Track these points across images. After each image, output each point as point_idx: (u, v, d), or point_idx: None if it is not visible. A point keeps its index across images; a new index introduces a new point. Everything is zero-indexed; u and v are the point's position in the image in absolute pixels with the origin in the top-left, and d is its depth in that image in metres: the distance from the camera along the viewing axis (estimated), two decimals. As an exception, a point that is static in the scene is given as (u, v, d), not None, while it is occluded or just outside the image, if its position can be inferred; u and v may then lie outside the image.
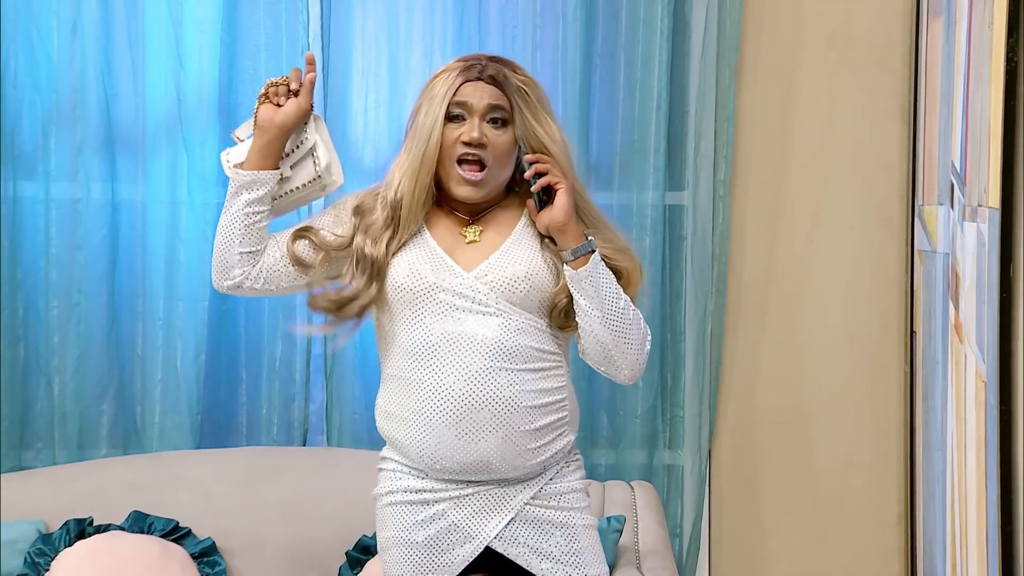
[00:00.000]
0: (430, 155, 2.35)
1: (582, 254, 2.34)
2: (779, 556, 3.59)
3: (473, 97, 2.36)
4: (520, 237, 2.41)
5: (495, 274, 2.35)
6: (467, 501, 2.36)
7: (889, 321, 3.54)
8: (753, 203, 3.52)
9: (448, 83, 2.36)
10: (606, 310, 2.35)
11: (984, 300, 2.64)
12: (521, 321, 2.35)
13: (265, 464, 3.34)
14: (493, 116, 2.36)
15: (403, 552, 2.37)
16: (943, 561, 3.08)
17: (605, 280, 2.35)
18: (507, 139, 2.37)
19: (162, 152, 3.40)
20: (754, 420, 3.58)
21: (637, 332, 2.38)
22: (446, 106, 2.35)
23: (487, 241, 2.40)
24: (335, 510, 3.26)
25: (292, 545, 3.24)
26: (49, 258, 3.38)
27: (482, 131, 2.35)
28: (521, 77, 2.39)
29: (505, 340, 2.33)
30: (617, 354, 2.38)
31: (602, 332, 2.35)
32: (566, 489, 2.41)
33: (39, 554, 3.11)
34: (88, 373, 3.40)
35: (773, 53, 3.51)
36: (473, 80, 2.36)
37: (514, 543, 2.37)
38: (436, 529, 2.36)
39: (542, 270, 2.37)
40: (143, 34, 3.36)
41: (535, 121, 2.38)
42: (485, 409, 2.31)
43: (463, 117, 2.36)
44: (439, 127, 2.34)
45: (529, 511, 2.38)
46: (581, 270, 2.33)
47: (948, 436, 3.02)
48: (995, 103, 2.55)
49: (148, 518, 3.20)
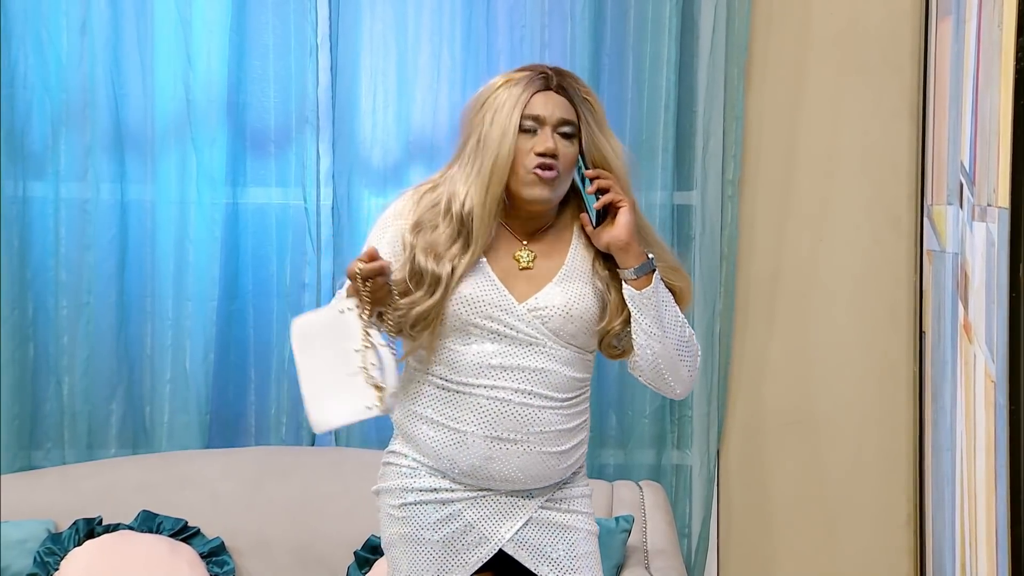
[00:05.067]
0: (502, 165, 2.29)
1: (644, 273, 2.31)
2: (787, 556, 3.58)
3: (545, 109, 2.31)
4: (572, 266, 2.37)
5: (546, 310, 2.32)
6: (483, 503, 2.36)
7: (898, 321, 3.54)
8: (762, 203, 3.52)
9: (517, 93, 2.31)
10: (666, 329, 2.32)
11: (993, 300, 2.64)
12: (567, 354, 2.34)
13: (274, 464, 3.34)
14: (562, 130, 2.32)
15: (416, 549, 2.37)
16: (952, 561, 3.08)
17: (665, 299, 2.33)
18: (574, 151, 2.34)
19: (171, 152, 3.40)
20: (762, 420, 3.58)
21: (692, 350, 2.37)
22: (519, 116, 2.29)
23: (540, 268, 2.36)
24: (343, 509, 3.26)
25: (300, 545, 3.24)
26: (58, 258, 3.38)
27: (555, 141, 2.30)
28: (585, 90, 2.36)
29: (549, 371, 2.32)
30: (672, 372, 2.36)
31: (660, 351, 2.33)
32: (576, 494, 2.42)
33: (48, 553, 3.12)
34: (97, 373, 3.40)
35: (782, 53, 3.51)
36: (543, 91, 2.33)
37: (523, 545, 2.37)
38: (452, 529, 2.36)
39: (592, 306, 2.34)
40: (152, 34, 3.37)
41: (601, 135, 2.35)
42: (519, 432, 2.31)
43: (534, 130, 2.31)
44: (512, 137, 2.29)
45: (540, 514, 2.38)
46: (644, 290, 2.30)
47: (957, 436, 3.01)
48: (1004, 103, 2.55)
49: (157, 518, 3.20)
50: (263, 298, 3.46)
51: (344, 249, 3.43)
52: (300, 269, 3.45)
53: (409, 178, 3.46)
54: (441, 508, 2.36)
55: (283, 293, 3.45)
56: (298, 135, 3.43)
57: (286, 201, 3.46)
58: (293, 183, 3.44)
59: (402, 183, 3.46)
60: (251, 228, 3.46)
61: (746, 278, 3.53)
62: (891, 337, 3.54)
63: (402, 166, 3.47)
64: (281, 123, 3.44)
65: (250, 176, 3.45)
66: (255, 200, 3.46)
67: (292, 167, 3.44)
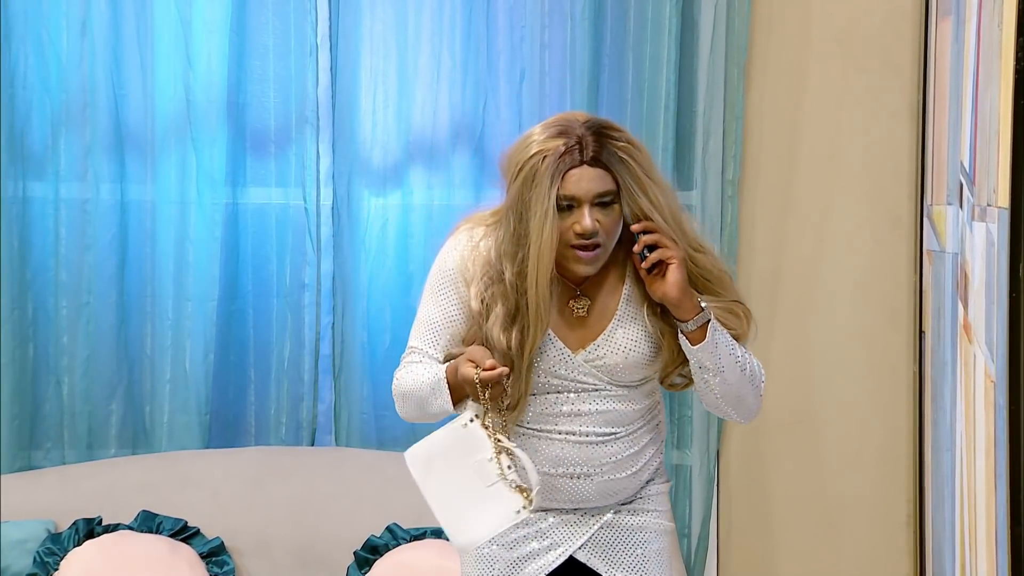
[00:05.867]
0: (547, 251, 2.22)
1: (699, 326, 2.27)
2: (787, 556, 3.58)
3: (580, 189, 2.23)
4: (625, 311, 2.33)
5: (602, 359, 2.30)
6: (556, 511, 2.35)
7: (898, 321, 3.54)
8: (762, 203, 3.52)
9: (551, 172, 2.22)
10: (726, 373, 2.29)
11: (993, 300, 2.63)
12: (627, 392, 2.33)
13: (273, 464, 3.34)
14: (600, 201, 2.25)
15: (484, 553, 2.34)
16: (952, 562, 3.08)
17: (722, 343, 2.29)
18: (616, 215, 2.27)
19: (171, 152, 3.40)
20: (762, 420, 3.55)
21: (755, 381, 2.34)
22: (555, 199, 2.22)
23: (595, 317, 2.33)
24: (343, 509, 3.26)
25: (300, 545, 3.24)
26: (58, 258, 3.39)
27: (593, 219, 2.24)
28: (621, 144, 2.26)
29: (612, 411, 2.31)
30: (736, 407, 2.35)
31: (721, 392, 2.31)
32: (652, 492, 2.40)
33: (48, 553, 3.12)
34: (97, 373, 3.40)
35: (782, 53, 3.51)
36: (578, 166, 2.23)
37: (595, 550, 2.35)
38: (522, 534, 2.34)
39: (647, 351, 2.32)
40: (152, 35, 3.37)
41: (640, 192, 2.26)
42: (587, 467, 2.30)
43: (572, 207, 2.24)
44: (552, 222, 2.22)
45: (616, 519, 2.36)
46: (699, 345, 2.26)
47: (957, 436, 3.01)
48: (1004, 103, 2.55)
49: (157, 518, 3.20)
50: (263, 298, 3.46)
51: (344, 249, 3.43)
52: (300, 269, 3.45)
53: (409, 178, 3.46)
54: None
55: (283, 293, 3.45)
56: (298, 135, 3.43)
57: (286, 201, 3.46)
58: (293, 183, 3.44)
59: (402, 183, 3.47)
60: (251, 228, 3.46)
61: (746, 278, 3.53)
62: (891, 337, 3.54)
63: (402, 166, 3.47)
64: (281, 123, 3.44)
65: (250, 176, 3.45)
66: (255, 200, 3.46)
67: (292, 167, 3.44)
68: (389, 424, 3.47)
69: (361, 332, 3.44)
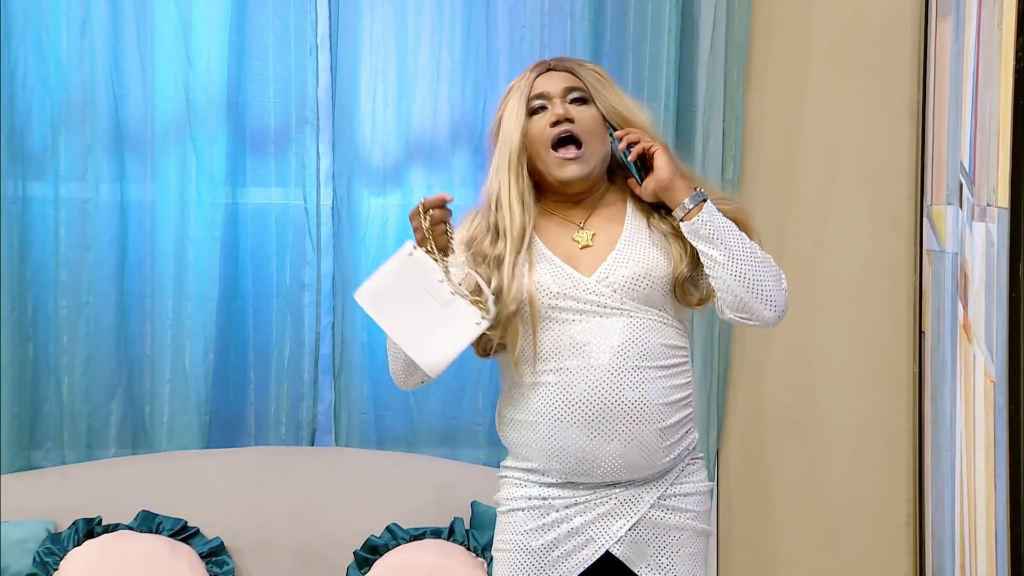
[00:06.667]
0: (517, 147, 2.36)
1: (695, 204, 2.33)
2: (788, 556, 3.58)
3: (549, 85, 2.40)
4: (632, 232, 2.40)
5: (616, 274, 2.34)
6: (592, 506, 2.35)
7: (898, 321, 3.54)
8: (762, 203, 3.52)
9: (521, 84, 2.41)
10: (733, 251, 2.32)
11: (993, 300, 2.64)
12: (647, 318, 2.34)
13: (273, 464, 3.34)
14: (572, 97, 2.39)
15: (516, 557, 2.35)
16: (952, 561, 3.08)
17: (724, 224, 2.33)
18: (592, 113, 2.39)
19: (171, 152, 3.40)
20: (762, 420, 3.58)
21: (770, 268, 2.36)
22: (526, 100, 2.38)
23: (600, 243, 2.39)
24: (343, 510, 3.27)
25: (300, 545, 3.24)
26: (58, 258, 3.38)
27: (566, 108, 2.37)
28: (590, 66, 2.45)
29: (633, 339, 2.32)
30: (754, 296, 2.34)
31: (735, 275, 2.32)
32: (691, 491, 2.40)
33: (48, 553, 3.12)
34: (97, 373, 3.40)
35: (781, 53, 3.51)
36: (545, 72, 2.42)
37: (631, 546, 2.35)
38: (555, 535, 2.34)
39: (660, 263, 2.36)
40: (152, 34, 3.37)
41: (610, 94, 2.41)
42: (615, 409, 2.30)
43: (544, 107, 2.39)
44: (522, 119, 2.37)
45: (653, 515, 2.36)
46: (698, 216, 2.31)
47: (957, 436, 3.01)
48: (1004, 103, 2.55)
49: (156, 518, 3.20)
50: (263, 298, 3.46)
51: (344, 249, 3.43)
52: (300, 269, 3.45)
53: (409, 178, 3.46)
54: (545, 515, 2.35)
55: (283, 293, 3.45)
56: (298, 135, 3.43)
57: (286, 201, 3.46)
58: (293, 183, 3.44)
59: (402, 183, 3.47)
60: (251, 228, 3.46)
61: (746, 278, 3.52)
62: (891, 337, 3.54)
63: (402, 166, 3.47)
64: (281, 123, 3.44)
65: (250, 176, 3.45)
66: (255, 200, 3.46)
67: (292, 167, 3.44)
68: (389, 424, 3.48)
69: (361, 332, 3.44)
